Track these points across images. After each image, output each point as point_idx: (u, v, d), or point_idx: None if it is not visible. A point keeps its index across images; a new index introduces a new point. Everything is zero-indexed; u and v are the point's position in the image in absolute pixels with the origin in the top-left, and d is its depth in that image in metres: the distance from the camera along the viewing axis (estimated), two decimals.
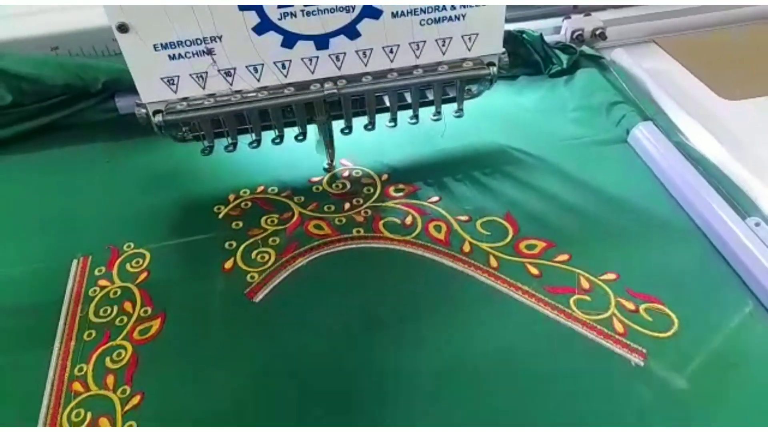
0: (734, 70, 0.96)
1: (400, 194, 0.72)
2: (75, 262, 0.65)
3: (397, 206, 0.71)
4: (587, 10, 0.96)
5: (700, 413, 0.51)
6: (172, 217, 0.71)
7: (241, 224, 0.69)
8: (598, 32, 0.93)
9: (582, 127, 0.81)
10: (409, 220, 0.69)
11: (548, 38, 0.92)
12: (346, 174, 0.76)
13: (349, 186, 0.74)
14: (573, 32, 0.93)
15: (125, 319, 0.60)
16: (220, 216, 0.70)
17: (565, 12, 0.96)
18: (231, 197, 0.73)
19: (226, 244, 0.66)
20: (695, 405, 0.51)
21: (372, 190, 0.73)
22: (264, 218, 0.70)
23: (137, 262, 0.65)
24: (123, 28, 0.58)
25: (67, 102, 0.84)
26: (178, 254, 0.66)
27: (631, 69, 0.91)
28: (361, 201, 0.72)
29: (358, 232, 0.68)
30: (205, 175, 0.76)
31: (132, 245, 0.67)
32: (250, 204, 0.72)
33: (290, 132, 0.71)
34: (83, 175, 0.78)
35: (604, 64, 0.92)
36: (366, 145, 0.78)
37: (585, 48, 0.93)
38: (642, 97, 0.85)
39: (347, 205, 0.71)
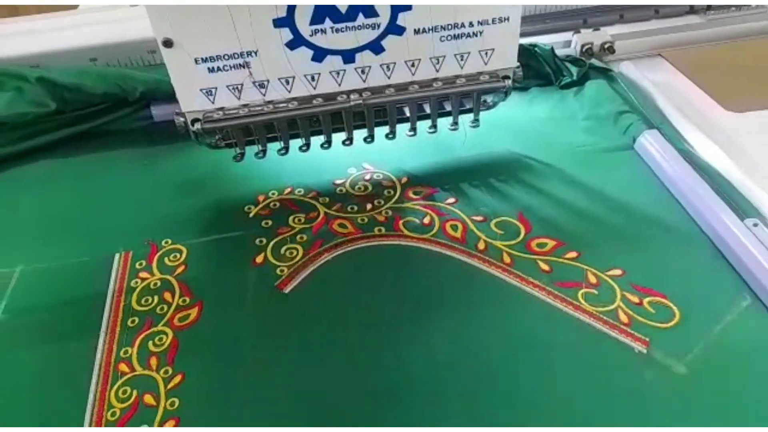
0: (738, 83, 0.99)
1: (419, 196, 0.77)
2: (117, 256, 0.70)
3: (416, 207, 0.75)
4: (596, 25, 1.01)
5: (698, 396, 0.54)
6: (206, 216, 0.76)
7: (270, 223, 0.74)
8: (606, 46, 0.98)
9: (591, 135, 0.86)
10: (427, 219, 0.73)
11: (559, 52, 0.97)
12: (368, 177, 0.80)
13: (370, 188, 0.79)
14: (582, 46, 0.98)
15: (165, 307, 0.64)
16: (251, 215, 0.75)
17: (575, 27, 1.01)
18: (260, 198, 0.77)
19: (257, 241, 0.71)
20: (694, 389, 0.55)
21: (392, 193, 0.78)
22: (291, 217, 0.74)
23: (175, 257, 0.70)
24: (168, 44, 0.63)
25: (106, 110, 0.90)
26: (212, 249, 0.71)
27: (638, 81, 0.94)
28: (382, 202, 0.76)
29: (380, 230, 0.72)
30: (235, 177, 0.81)
31: (169, 241, 0.72)
32: (278, 204, 0.77)
33: (315, 140, 0.76)
34: (122, 177, 0.83)
35: (613, 76, 0.95)
36: (387, 152, 0.82)
37: (594, 61, 0.97)
38: (648, 107, 0.88)
39: (369, 206, 0.76)
